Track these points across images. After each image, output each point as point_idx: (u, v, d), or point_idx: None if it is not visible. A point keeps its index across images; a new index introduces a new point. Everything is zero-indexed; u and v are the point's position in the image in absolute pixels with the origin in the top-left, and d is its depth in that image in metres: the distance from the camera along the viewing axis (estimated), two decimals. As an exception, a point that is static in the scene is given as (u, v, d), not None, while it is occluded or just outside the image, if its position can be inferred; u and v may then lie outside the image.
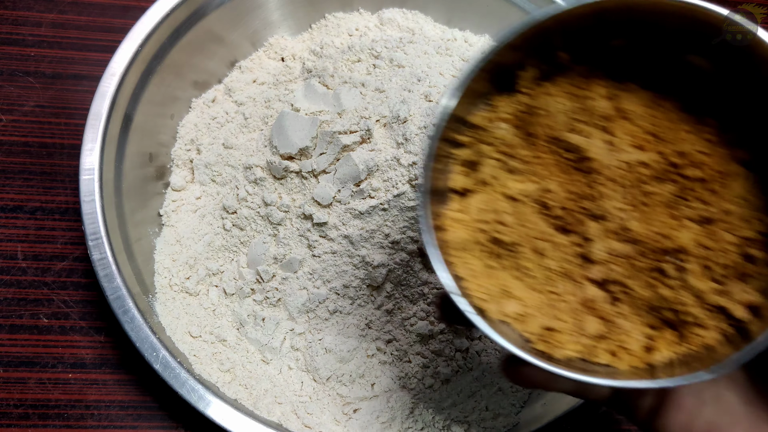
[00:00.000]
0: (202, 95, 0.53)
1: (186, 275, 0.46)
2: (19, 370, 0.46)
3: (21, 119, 0.53)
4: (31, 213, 0.51)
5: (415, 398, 0.44)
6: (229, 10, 0.53)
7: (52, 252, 0.49)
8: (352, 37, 0.56)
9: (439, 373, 0.45)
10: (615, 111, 0.26)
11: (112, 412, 0.46)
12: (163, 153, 0.51)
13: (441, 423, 0.43)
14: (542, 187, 0.26)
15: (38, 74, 0.55)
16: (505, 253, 0.27)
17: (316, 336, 0.44)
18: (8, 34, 0.56)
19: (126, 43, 0.47)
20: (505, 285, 0.26)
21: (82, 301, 0.48)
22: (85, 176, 0.43)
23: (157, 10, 0.48)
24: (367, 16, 0.57)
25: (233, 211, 0.46)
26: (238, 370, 0.44)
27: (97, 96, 0.45)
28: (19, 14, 0.57)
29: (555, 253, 0.26)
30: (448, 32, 0.59)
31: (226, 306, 0.46)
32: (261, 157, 0.46)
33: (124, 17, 0.58)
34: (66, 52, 0.56)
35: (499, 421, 0.44)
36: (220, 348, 0.44)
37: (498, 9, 0.57)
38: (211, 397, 0.40)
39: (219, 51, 0.54)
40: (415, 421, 0.43)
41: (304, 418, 0.42)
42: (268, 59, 0.56)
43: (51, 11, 0.57)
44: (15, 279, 0.48)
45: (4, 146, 0.52)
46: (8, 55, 0.55)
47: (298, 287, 0.44)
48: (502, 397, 0.46)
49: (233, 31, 0.54)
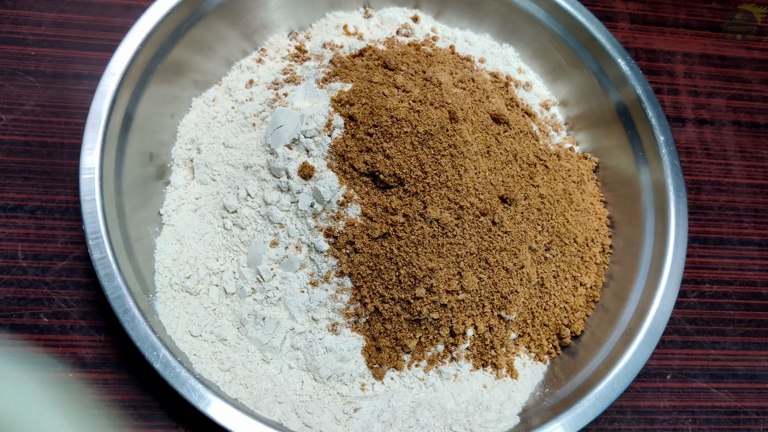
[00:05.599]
0: (202, 94, 0.53)
1: (186, 274, 0.46)
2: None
3: (21, 118, 0.53)
4: (32, 212, 0.51)
5: (416, 398, 0.44)
6: (230, 9, 0.53)
7: (53, 251, 0.50)
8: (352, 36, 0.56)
9: (440, 372, 0.45)
10: None
11: (112, 411, 0.46)
12: (164, 152, 0.51)
13: (441, 423, 0.43)
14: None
15: (39, 73, 0.55)
16: None
17: (317, 335, 0.44)
18: (9, 33, 0.56)
19: (126, 43, 0.47)
20: None
21: (83, 301, 0.48)
22: (85, 175, 0.43)
23: (158, 10, 0.48)
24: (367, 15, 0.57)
25: (233, 210, 0.46)
26: (238, 369, 0.44)
27: (98, 95, 0.45)
28: (19, 13, 0.57)
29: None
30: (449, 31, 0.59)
31: (227, 305, 0.46)
32: (261, 156, 0.46)
33: (124, 16, 0.58)
34: (66, 51, 0.56)
35: (501, 423, 0.44)
36: (221, 347, 0.44)
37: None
38: (212, 396, 0.40)
39: (219, 50, 0.54)
40: (416, 420, 0.43)
41: (304, 418, 0.42)
42: (269, 59, 0.56)
43: (51, 10, 0.57)
44: (15, 278, 0.49)
45: (4, 145, 0.52)
46: (9, 54, 0.55)
47: (299, 287, 0.45)
48: (504, 398, 0.46)
49: (233, 30, 0.54)
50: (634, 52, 0.67)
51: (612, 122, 0.55)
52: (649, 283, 0.48)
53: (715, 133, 0.65)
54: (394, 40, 0.54)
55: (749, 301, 0.58)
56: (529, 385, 0.47)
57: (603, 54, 0.55)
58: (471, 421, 0.44)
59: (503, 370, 0.47)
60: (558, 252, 0.48)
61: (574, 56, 0.56)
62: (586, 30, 0.55)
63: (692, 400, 0.53)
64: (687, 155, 0.64)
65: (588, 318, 0.50)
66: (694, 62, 0.68)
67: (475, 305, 0.45)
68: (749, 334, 0.56)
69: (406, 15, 0.58)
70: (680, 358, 0.54)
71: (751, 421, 0.53)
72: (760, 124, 0.67)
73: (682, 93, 0.67)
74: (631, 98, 0.54)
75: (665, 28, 0.70)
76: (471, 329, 0.45)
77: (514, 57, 0.59)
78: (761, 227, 0.61)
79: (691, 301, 0.57)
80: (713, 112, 0.66)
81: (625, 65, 0.54)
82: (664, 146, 0.52)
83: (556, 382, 0.47)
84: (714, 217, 0.61)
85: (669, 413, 0.52)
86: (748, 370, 0.55)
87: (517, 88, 0.57)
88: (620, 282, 0.50)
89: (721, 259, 0.59)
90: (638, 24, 0.69)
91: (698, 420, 0.52)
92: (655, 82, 0.66)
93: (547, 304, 0.48)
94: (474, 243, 0.44)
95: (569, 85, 0.58)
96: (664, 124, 0.52)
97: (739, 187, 0.63)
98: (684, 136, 0.65)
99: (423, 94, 0.45)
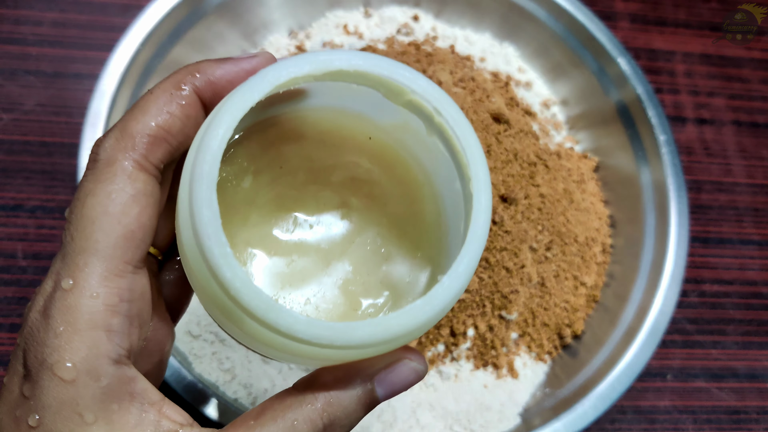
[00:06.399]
0: (202, 94, 0.53)
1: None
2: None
3: (22, 118, 0.53)
4: (31, 212, 0.51)
5: (416, 398, 0.44)
6: (229, 9, 0.53)
7: (52, 251, 0.49)
8: (351, 35, 0.56)
9: (441, 372, 0.45)
10: None
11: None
12: (164, 152, 0.50)
13: (442, 423, 0.43)
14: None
15: (39, 73, 0.55)
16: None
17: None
18: (9, 33, 0.56)
19: (126, 42, 0.47)
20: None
21: (83, 300, 0.48)
22: (85, 175, 0.43)
23: (158, 9, 0.48)
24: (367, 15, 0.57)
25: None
26: (237, 369, 0.44)
27: (97, 95, 0.45)
28: (20, 13, 0.57)
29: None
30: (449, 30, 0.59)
31: (227, 305, 0.46)
32: (261, 156, 0.46)
33: (124, 16, 0.58)
34: (67, 50, 0.56)
35: (502, 423, 0.44)
36: (220, 347, 0.44)
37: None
38: (211, 396, 0.40)
39: (219, 50, 0.54)
40: (417, 420, 0.43)
41: (304, 418, 0.42)
42: (269, 58, 0.56)
43: (52, 10, 0.57)
44: (15, 278, 0.48)
45: (4, 145, 0.52)
46: (9, 53, 0.55)
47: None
48: (505, 398, 0.46)
49: (233, 29, 0.54)
50: (634, 52, 0.67)
51: (612, 121, 0.55)
52: (650, 283, 0.48)
53: (716, 132, 0.65)
54: (394, 39, 0.54)
55: (750, 300, 0.58)
56: (529, 385, 0.47)
57: (603, 53, 0.55)
58: (471, 421, 0.44)
59: (504, 370, 0.47)
60: (559, 251, 0.48)
61: (575, 55, 0.56)
62: (587, 29, 0.55)
63: (693, 400, 0.53)
64: (687, 155, 0.63)
65: (589, 318, 0.50)
66: (694, 62, 0.68)
67: (475, 305, 0.45)
68: (750, 333, 0.56)
69: (406, 14, 0.58)
70: (681, 357, 0.54)
71: (752, 420, 0.53)
72: (760, 123, 0.67)
73: (683, 92, 0.67)
74: (632, 97, 0.54)
75: (665, 28, 0.70)
76: (471, 329, 0.45)
77: (514, 56, 0.59)
78: (762, 227, 0.61)
79: (691, 301, 0.57)
80: (713, 111, 0.66)
81: (626, 65, 0.54)
82: (665, 145, 0.52)
83: (556, 382, 0.47)
84: (714, 217, 0.61)
85: (670, 413, 0.52)
86: (749, 369, 0.55)
87: (518, 87, 0.57)
88: (621, 282, 0.50)
89: (721, 259, 0.59)
90: (638, 23, 0.69)
91: (699, 420, 0.52)
92: (656, 82, 0.66)
93: (547, 304, 0.48)
94: (474, 242, 0.44)
95: (570, 84, 0.58)
96: (664, 123, 0.52)
97: (740, 186, 0.63)
98: (684, 136, 0.64)
99: (423, 94, 0.45)
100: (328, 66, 0.23)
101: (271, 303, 0.20)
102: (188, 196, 0.21)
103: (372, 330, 0.21)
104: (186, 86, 0.24)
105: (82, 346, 0.20)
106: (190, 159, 0.22)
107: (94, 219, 0.21)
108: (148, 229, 0.22)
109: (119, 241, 0.21)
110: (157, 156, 0.23)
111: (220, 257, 0.20)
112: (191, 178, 0.21)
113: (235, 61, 0.25)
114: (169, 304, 0.27)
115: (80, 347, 0.20)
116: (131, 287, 0.22)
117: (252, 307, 0.20)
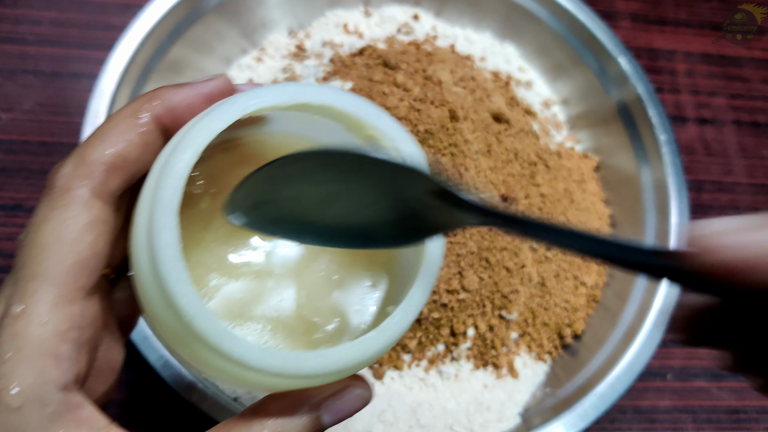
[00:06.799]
0: (202, 93, 0.53)
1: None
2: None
3: (21, 117, 0.53)
4: (31, 211, 0.50)
5: (416, 398, 0.44)
6: (229, 8, 0.52)
7: (52, 251, 0.49)
8: (351, 34, 0.56)
9: (441, 372, 0.45)
10: None
11: (111, 411, 0.45)
12: (163, 151, 0.50)
13: (442, 423, 0.43)
14: None
15: (38, 72, 0.55)
16: None
17: (316, 335, 0.44)
18: (8, 32, 0.56)
19: (125, 41, 0.47)
20: None
21: (82, 300, 0.48)
22: (84, 175, 0.43)
23: (157, 8, 0.48)
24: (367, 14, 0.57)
25: (233, 209, 0.46)
26: (238, 369, 0.44)
27: (96, 94, 0.45)
28: (19, 12, 0.57)
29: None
30: (449, 30, 0.59)
31: (226, 305, 0.46)
32: (261, 155, 0.46)
33: (123, 15, 0.58)
34: (66, 50, 0.56)
35: (502, 423, 0.44)
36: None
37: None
38: (211, 396, 0.40)
39: (218, 49, 0.53)
40: (417, 420, 0.43)
41: (304, 418, 0.42)
42: (268, 57, 0.55)
43: (51, 9, 0.57)
44: (14, 278, 0.48)
45: (3, 144, 0.52)
46: (8, 53, 0.55)
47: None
48: (505, 398, 0.46)
49: (233, 28, 0.54)
50: (635, 51, 0.67)
51: (613, 121, 0.55)
52: (650, 283, 0.48)
53: (716, 132, 0.65)
54: (394, 38, 0.54)
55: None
56: (529, 384, 0.47)
57: (604, 53, 0.55)
58: (471, 421, 0.44)
59: (504, 370, 0.47)
60: (559, 251, 0.48)
61: (575, 55, 0.56)
62: (587, 29, 0.55)
63: (693, 400, 0.53)
64: (688, 154, 0.63)
65: (589, 317, 0.50)
66: (695, 61, 0.68)
67: (475, 305, 0.44)
68: (750, 333, 0.56)
69: (407, 13, 0.58)
70: (681, 357, 0.54)
71: (752, 420, 0.53)
72: (761, 123, 0.67)
73: (683, 92, 0.67)
74: (632, 97, 0.54)
75: (666, 27, 0.70)
76: (471, 329, 0.45)
77: (514, 55, 0.59)
78: (762, 226, 0.61)
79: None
80: (714, 111, 0.66)
81: (626, 64, 0.54)
82: (665, 145, 0.51)
83: (557, 381, 0.47)
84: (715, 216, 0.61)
85: (670, 413, 0.52)
86: (750, 369, 0.55)
87: (518, 86, 0.57)
88: (621, 281, 0.50)
89: (722, 259, 0.59)
90: (639, 23, 0.69)
91: (699, 419, 0.52)
92: (656, 81, 0.66)
93: (548, 304, 0.48)
94: (474, 242, 0.44)
95: (570, 83, 0.58)
96: (665, 122, 0.52)
97: (740, 186, 0.63)
98: (685, 135, 0.64)
99: (423, 93, 0.45)
100: (295, 99, 0.23)
101: (225, 331, 0.20)
102: (147, 219, 0.21)
103: (324, 361, 0.21)
104: (145, 114, 0.24)
105: (29, 373, 0.20)
106: (151, 182, 0.22)
107: (46, 246, 0.21)
108: (101, 257, 0.22)
109: (72, 269, 0.21)
110: (114, 183, 0.23)
111: (177, 283, 0.20)
112: (153, 201, 0.21)
113: (192, 85, 0.25)
114: (120, 321, 0.27)
115: (27, 374, 0.20)
116: (82, 313, 0.22)
117: (206, 335, 0.20)
